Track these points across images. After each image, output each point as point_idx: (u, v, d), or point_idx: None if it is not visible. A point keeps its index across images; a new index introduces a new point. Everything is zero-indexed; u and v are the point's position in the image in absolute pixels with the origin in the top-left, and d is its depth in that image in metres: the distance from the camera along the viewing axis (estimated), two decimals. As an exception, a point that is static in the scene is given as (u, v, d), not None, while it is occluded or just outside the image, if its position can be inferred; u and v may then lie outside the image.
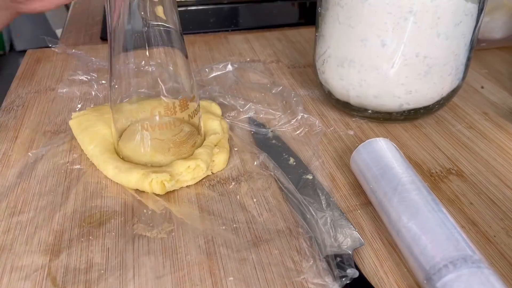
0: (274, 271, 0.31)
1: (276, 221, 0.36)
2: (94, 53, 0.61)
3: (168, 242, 0.33)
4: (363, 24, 0.42)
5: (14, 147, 0.43)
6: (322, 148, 0.44)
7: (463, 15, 0.41)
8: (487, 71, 0.60)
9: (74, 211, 0.36)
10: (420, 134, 0.47)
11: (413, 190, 0.33)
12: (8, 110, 0.49)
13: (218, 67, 0.57)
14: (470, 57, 0.46)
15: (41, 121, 0.47)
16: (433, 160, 0.43)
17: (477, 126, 0.48)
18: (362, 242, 0.33)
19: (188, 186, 0.39)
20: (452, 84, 0.46)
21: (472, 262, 0.28)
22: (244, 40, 0.68)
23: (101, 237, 0.34)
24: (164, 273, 0.31)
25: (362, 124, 0.48)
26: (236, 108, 0.49)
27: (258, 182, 0.39)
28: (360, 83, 0.45)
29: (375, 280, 0.31)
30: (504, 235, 0.35)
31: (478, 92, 0.55)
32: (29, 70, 0.58)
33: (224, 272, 0.31)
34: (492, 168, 0.42)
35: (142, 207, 0.36)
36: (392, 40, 0.42)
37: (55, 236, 0.34)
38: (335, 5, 0.44)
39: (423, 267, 0.29)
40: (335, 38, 0.45)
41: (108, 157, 0.39)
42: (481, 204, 0.38)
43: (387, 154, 0.37)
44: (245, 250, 0.33)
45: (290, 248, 0.33)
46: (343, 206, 0.37)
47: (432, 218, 0.31)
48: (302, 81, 0.57)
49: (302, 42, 0.68)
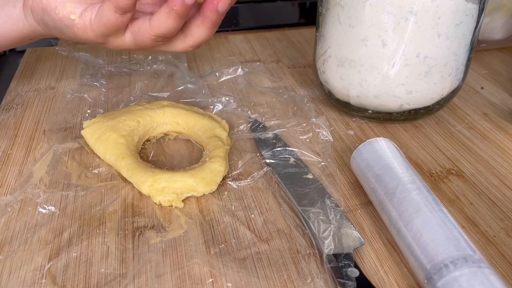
0: (274, 270, 0.31)
1: (276, 220, 0.36)
2: (94, 53, 0.61)
3: (168, 241, 0.33)
4: (364, 24, 0.42)
5: (14, 145, 0.43)
6: (322, 148, 0.44)
7: (464, 15, 0.41)
8: (487, 71, 0.60)
9: (74, 210, 0.36)
10: (420, 134, 0.47)
11: (414, 190, 0.33)
12: (7, 109, 0.49)
13: (228, 71, 0.56)
14: (470, 57, 0.46)
15: (41, 120, 0.47)
16: (433, 160, 0.43)
17: (477, 126, 0.48)
18: (362, 241, 0.33)
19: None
20: (452, 84, 0.46)
21: (472, 261, 0.28)
22: (244, 40, 0.68)
23: (101, 235, 0.34)
24: (164, 272, 0.31)
25: (362, 124, 0.48)
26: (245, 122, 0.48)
27: (258, 181, 0.39)
28: (360, 83, 0.45)
29: (375, 279, 0.31)
30: (504, 235, 0.35)
31: (478, 92, 0.55)
32: (29, 69, 0.58)
33: (224, 272, 0.31)
34: (492, 169, 0.42)
35: (142, 206, 0.36)
36: (392, 40, 0.42)
37: (55, 235, 0.34)
38: (335, 5, 0.44)
39: (423, 266, 0.29)
40: (336, 38, 0.45)
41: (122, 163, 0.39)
42: (481, 204, 0.38)
43: (388, 154, 0.37)
44: (245, 249, 0.33)
45: (290, 248, 0.33)
46: (343, 206, 0.37)
47: (433, 217, 0.31)
48: (302, 81, 0.57)
49: (302, 42, 0.68)
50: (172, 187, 0.36)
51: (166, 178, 0.36)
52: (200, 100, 0.50)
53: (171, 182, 0.36)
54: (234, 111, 0.49)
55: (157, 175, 0.37)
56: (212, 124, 0.44)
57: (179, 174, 0.37)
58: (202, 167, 0.38)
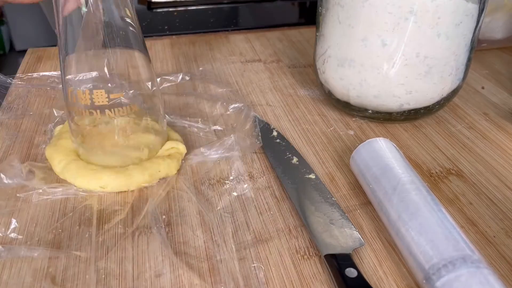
0: (273, 270, 0.31)
1: (276, 220, 0.36)
2: (94, 52, 0.61)
3: (168, 240, 0.33)
4: (364, 24, 0.42)
5: (14, 145, 0.43)
6: (322, 148, 0.44)
7: (464, 15, 0.41)
8: (488, 71, 0.60)
9: (74, 209, 0.36)
10: (420, 134, 0.47)
11: (413, 190, 0.33)
12: (8, 109, 0.49)
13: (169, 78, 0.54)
14: (470, 57, 0.46)
15: (42, 120, 0.47)
16: (433, 160, 0.43)
17: (477, 126, 0.48)
18: (362, 242, 0.33)
19: (187, 185, 0.39)
20: (452, 84, 0.46)
21: (471, 262, 0.28)
22: (244, 39, 0.68)
23: (101, 235, 0.34)
24: (163, 272, 0.31)
25: (362, 124, 0.48)
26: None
27: (258, 181, 0.39)
28: (360, 83, 0.45)
29: (374, 280, 0.31)
30: (504, 235, 0.35)
31: (479, 92, 0.55)
32: (30, 69, 0.58)
33: (223, 271, 0.31)
34: (492, 169, 0.42)
35: (141, 206, 0.36)
36: (392, 40, 0.42)
37: (54, 234, 0.34)
38: (335, 5, 0.44)
39: (422, 267, 0.29)
40: (336, 38, 0.45)
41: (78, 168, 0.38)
42: (480, 205, 0.38)
43: (387, 154, 0.37)
44: (244, 249, 0.33)
45: (289, 248, 0.33)
46: (343, 206, 0.37)
47: (432, 218, 0.31)
48: (303, 80, 0.57)
49: (302, 41, 0.68)
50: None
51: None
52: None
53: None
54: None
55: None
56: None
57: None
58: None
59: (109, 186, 0.37)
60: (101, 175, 0.37)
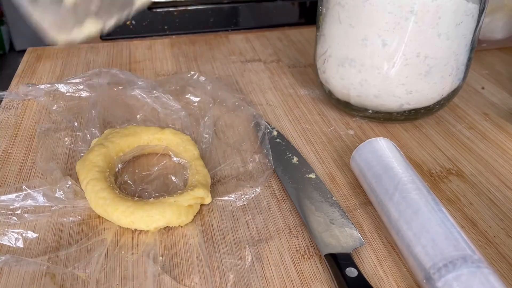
0: (273, 269, 0.31)
1: (276, 219, 0.36)
2: (94, 52, 0.61)
3: (167, 240, 0.33)
4: (364, 23, 0.42)
5: (14, 144, 0.43)
6: (322, 148, 0.44)
7: (464, 15, 0.41)
8: (488, 71, 0.60)
9: (74, 207, 0.36)
10: (420, 134, 0.47)
11: (413, 189, 0.33)
12: (8, 108, 0.49)
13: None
14: (470, 57, 0.46)
15: (41, 119, 0.47)
16: (433, 160, 0.43)
17: (478, 126, 0.48)
18: (362, 242, 0.33)
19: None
20: (452, 84, 0.46)
21: (471, 261, 0.28)
22: (245, 39, 0.68)
23: (101, 234, 0.34)
24: (163, 271, 0.31)
25: (362, 124, 0.48)
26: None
27: (258, 180, 0.39)
28: (360, 83, 0.45)
29: (374, 279, 0.31)
30: (504, 235, 0.35)
31: (479, 92, 0.55)
32: (30, 68, 0.58)
33: (223, 271, 0.31)
34: (492, 169, 0.42)
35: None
36: (392, 40, 0.42)
37: (54, 234, 0.34)
38: (336, 5, 0.44)
39: (422, 266, 0.29)
40: (336, 38, 0.45)
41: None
42: (481, 205, 0.38)
43: (387, 154, 0.37)
44: (244, 249, 0.33)
45: (289, 247, 0.33)
46: (343, 205, 0.37)
47: (432, 217, 0.31)
48: (303, 80, 0.57)
49: (302, 41, 0.68)
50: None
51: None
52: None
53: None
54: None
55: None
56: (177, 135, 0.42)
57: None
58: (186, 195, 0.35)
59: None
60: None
